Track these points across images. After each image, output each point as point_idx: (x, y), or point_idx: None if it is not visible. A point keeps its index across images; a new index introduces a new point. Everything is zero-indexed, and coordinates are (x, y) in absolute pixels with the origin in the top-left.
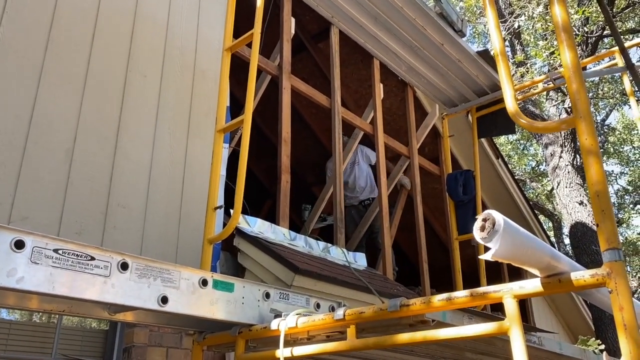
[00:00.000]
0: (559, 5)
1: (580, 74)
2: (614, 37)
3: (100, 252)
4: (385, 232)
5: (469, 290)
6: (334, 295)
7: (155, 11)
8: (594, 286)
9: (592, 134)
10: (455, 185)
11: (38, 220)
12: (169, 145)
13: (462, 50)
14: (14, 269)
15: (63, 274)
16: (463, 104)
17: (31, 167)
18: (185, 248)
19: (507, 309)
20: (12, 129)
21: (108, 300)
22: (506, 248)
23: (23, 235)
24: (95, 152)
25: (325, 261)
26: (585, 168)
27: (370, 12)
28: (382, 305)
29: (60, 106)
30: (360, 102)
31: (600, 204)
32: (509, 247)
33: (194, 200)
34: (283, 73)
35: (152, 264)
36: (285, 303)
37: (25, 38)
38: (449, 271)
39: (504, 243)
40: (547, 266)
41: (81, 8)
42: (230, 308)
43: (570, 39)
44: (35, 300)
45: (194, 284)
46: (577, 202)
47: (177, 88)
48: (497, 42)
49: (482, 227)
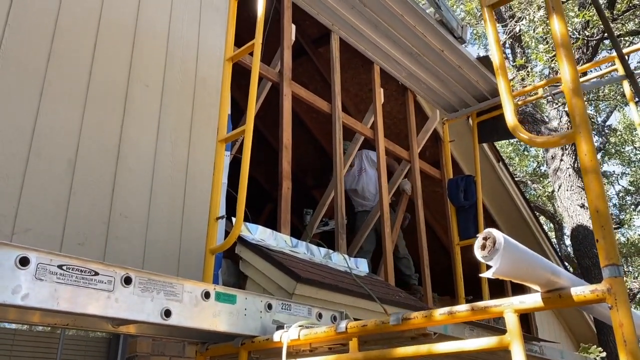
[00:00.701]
0: (558, 21)
1: (580, 91)
2: (613, 46)
3: (103, 267)
4: (387, 237)
5: (470, 304)
6: (336, 303)
7: (156, 21)
8: (594, 302)
9: (592, 150)
10: (457, 191)
11: (41, 231)
12: (171, 154)
13: (462, 57)
14: (18, 286)
15: (67, 289)
16: (463, 109)
17: (34, 178)
18: (187, 257)
19: (508, 324)
20: (15, 140)
21: (111, 315)
22: (507, 266)
23: (28, 252)
24: (97, 163)
25: (327, 268)
26: (585, 184)
27: (371, 19)
28: (384, 318)
29: (63, 117)
30: (360, 106)
31: (600, 220)
32: (509, 265)
33: (195, 209)
34: (284, 80)
35: (155, 278)
36: (287, 314)
37: (27, 50)
38: (450, 274)
39: (504, 261)
40: (548, 282)
41: (83, 20)
42: (233, 320)
43: (569, 55)
44: (38, 315)
45: (196, 297)
46: (578, 205)
47: (178, 97)
48: (497, 57)
49: (483, 245)
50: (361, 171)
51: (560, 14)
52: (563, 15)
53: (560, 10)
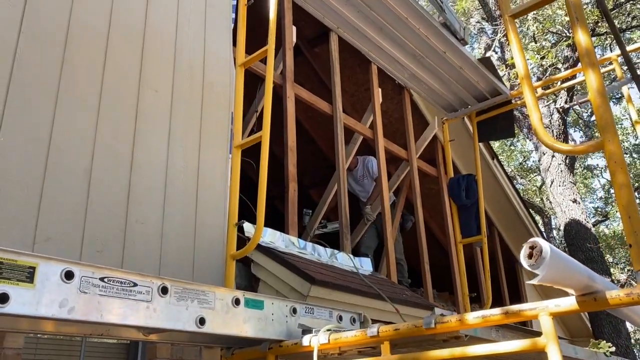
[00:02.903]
0: (582, 32)
1: (607, 102)
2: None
3: (141, 278)
4: (388, 236)
5: (504, 308)
6: (347, 304)
7: (163, 27)
8: (630, 304)
9: (621, 158)
10: (458, 190)
11: (61, 240)
12: (182, 158)
13: (463, 58)
14: (65, 300)
15: (110, 301)
16: (463, 109)
17: (52, 187)
18: (201, 261)
19: (544, 327)
20: (33, 151)
21: (151, 325)
22: (552, 273)
23: (72, 265)
24: (112, 170)
25: (335, 268)
26: (615, 191)
27: (376, 22)
28: (416, 322)
29: (77, 126)
30: (356, 105)
31: (632, 225)
32: (554, 272)
33: (207, 212)
34: (287, 82)
35: (189, 286)
36: (310, 317)
37: (41, 59)
38: (446, 270)
39: (550, 269)
40: (585, 286)
41: (93, 28)
42: (261, 325)
43: (595, 66)
44: (77, 326)
45: (227, 304)
46: (570, 200)
47: (187, 101)
48: (522, 67)
49: (530, 254)
50: (363, 177)
51: (584, 26)
52: (587, 28)
53: (583, 21)
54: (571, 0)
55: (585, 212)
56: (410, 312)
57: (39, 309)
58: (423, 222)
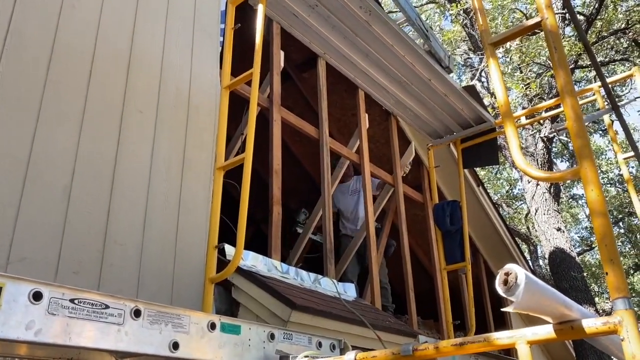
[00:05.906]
0: (560, 61)
1: (585, 131)
2: (601, 83)
3: (114, 300)
4: (373, 261)
5: (481, 335)
6: (329, 330)
7: (150, 49)
8: (606, 333)
9: (598, 185)
10: (443, 216)
11: (36, 260)
12: (165, 180)
13: (448, 85)
14: (32, 321)
15: (79, 324)
16: (448, 136)
17: (29, 206)
18: (180, 284)
19: (520, 355)
20: (10, 168)
21: (122, 349)
22: (527, 301)
23: (41, 286)
24: (92, 189)
25: (317, 293)
26: (592, 219)
27: (362, 49)
28: (394, 349)
29: (58, 144)
30: (343, 130)
31: (608, 253)
32: (529, 300)
33: (188, 235)
34: (273, 105)
35: (163, 310)
36: (289, 343)
37: (23, 78)
38: (431, 297)
39: (525, 296)
40: (561, 315)
41: (78, 48)
42: (238, 350)
43: (573, 96)
44: (43, 349)
45: (202, 328)
46: (555, 229)
47: (172, 123)
48: (502, 96)
49: (505, 281)
50: (354, 192)
51: (562, 55)
52: (565, 56)
53: (562, 50)
54: (549, 30)
55: (570, 240)
56: (394, 340)
57: (4, 331)
58: (408, 248)
